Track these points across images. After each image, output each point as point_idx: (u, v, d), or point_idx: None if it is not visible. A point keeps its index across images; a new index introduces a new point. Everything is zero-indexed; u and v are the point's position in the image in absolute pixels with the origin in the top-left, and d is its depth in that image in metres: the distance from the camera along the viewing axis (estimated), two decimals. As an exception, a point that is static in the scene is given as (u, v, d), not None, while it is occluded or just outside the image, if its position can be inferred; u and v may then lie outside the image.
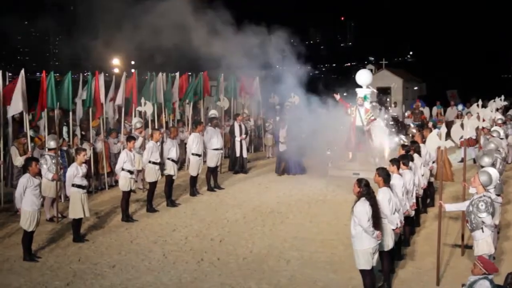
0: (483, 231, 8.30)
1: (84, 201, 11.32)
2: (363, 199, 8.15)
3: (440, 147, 9.28)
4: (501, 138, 14.56)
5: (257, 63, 20.04)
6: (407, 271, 9.75)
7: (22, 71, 13.31)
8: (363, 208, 8.08)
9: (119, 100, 16.34)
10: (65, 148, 13.77)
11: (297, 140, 17.81)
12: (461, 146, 12.66)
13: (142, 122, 15.74)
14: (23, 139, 13.49)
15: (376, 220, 8.16)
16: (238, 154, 18.39)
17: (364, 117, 17.31)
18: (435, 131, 9.95)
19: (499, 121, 17.26)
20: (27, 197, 10.10)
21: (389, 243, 8.82)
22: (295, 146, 17.74)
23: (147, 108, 15.91)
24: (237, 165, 18.46)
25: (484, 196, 8.30)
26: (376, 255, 8.36)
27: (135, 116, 16.65)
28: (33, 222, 10.17)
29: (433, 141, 9.51)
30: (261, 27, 18.86)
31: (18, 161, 13.10)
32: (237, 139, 18.28)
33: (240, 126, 18.39)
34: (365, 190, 8.19)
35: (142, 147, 14.69)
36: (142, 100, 15.99)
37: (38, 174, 10.66)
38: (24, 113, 13.58)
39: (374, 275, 8.46)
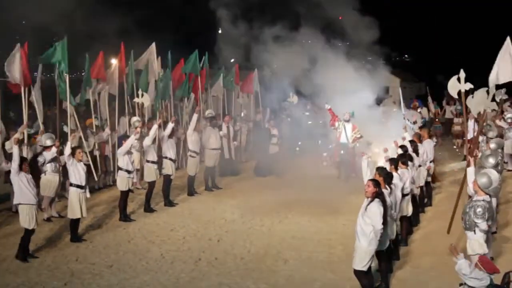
0: (475, 233, 8.31)
1: (82, 201, 11.30)
2: (377, 200, 8.07)
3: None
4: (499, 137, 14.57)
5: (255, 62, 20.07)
6: (405, 270, 9.74)
7: (18, 45, 13.00)
8: (378, 209, 8.01)
9: (113, 90, 16.39)
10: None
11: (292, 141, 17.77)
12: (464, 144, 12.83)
13: (141, 121, 15.68)
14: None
15: (385, 221, 8.14)
16: (226, 156, 18.23)
17: (350, 134, 16.55)
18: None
19: (509, 120, 17.19)
20: (24, 191, 10.14)
21: (386, 242, 8.82)
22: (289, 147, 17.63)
23: (145, 100, 15.81)
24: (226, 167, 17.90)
25: (483, 200, 8.28)
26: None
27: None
28: (32, 219, 10.17)
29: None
30: (260, 25, 18.73)
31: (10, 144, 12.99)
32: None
33: (228, 127, 18.07)
34: (380, 191, 8.14)
35: (139, 147, 14.65)
36: (140, 92, 15.89)
37: (28, 172, 10.60)
38: (23, 106, 13.47)
39: (372, 275, 8.44)
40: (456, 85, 11.86)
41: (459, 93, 11.93)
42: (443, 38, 46.93)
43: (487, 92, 11.67)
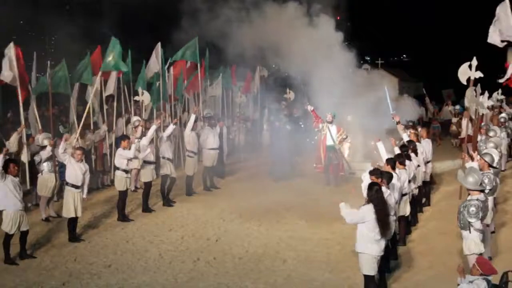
0: (470, 232, 8.32)
1: (78, 200, 11.28)
2: (371, 205, 8.02)
3: None
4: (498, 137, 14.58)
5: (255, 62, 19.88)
6: (403, 270, 9.74)
7: (11, 44, 13.18)
8: (365, 210, 7.98)
9: (110, 89, 16.42)
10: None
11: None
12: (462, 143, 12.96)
13: (141, 120, 15.71)
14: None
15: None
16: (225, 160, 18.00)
17: (335, 136, 16.24)
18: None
19: (502, 120, 17.22)
20: (9, 196, 9.99)
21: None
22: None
23: (145, 97, 15.75)
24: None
25: (477, 200, 8.30)
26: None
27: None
28: (15, 225, 10.05)
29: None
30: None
31: (12, 147, 13.07)
32: None
33: (221, 129, 17.82)
34: (374, 195, 8.06)
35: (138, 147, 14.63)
36: (140, 90, 15.83)
37: (17, 175, 10.46)
38: (20, 106, 13.53)
39: (375, 282, 8.39)
40: (466, 71, 11.98)
41: (468, 80, 12.04)
42: (442, 38, 47.02)
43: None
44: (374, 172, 9.02)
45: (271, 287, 9.25)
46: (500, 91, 19.95)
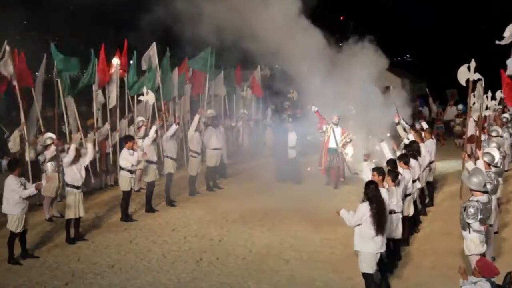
0: (469, 233, 8.33)
1: (79, 201, 11.30)
2: (367, 202, 8.13)
3: None
4: (501, 137, 14.57)
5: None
6: (406, 270, 9.74)
7: (5, 43, 13.18)
8: (364, 210, 8.08)
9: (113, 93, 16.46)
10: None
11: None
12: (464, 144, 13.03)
13: (145, 120, 15.73)
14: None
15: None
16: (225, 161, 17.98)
17: (339, 139, 15.96)
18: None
19: (504, 119, 17.19)
20: (16, 200, 10.00)
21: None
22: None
23: (150, 97, 15.80)
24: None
25: (477, 201, 8.29)
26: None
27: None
28: (21, 224, 10.09)
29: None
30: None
31: (15, 146, 13.12)
32: None
33: (219, 129, 17.87)
34: (370, 193, 8.14)
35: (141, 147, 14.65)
36: (145, 90, 15.87)
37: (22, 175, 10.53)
38: (20, 106, 13.58)
39: (375, 281, 8.41)
40: (465, 73, 12.12)
41: (467, 81, 12.14)
42: (445, 38, 46.95)
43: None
44: (376, 169, 9.06)
45: (274, 287, 9.25)
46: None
